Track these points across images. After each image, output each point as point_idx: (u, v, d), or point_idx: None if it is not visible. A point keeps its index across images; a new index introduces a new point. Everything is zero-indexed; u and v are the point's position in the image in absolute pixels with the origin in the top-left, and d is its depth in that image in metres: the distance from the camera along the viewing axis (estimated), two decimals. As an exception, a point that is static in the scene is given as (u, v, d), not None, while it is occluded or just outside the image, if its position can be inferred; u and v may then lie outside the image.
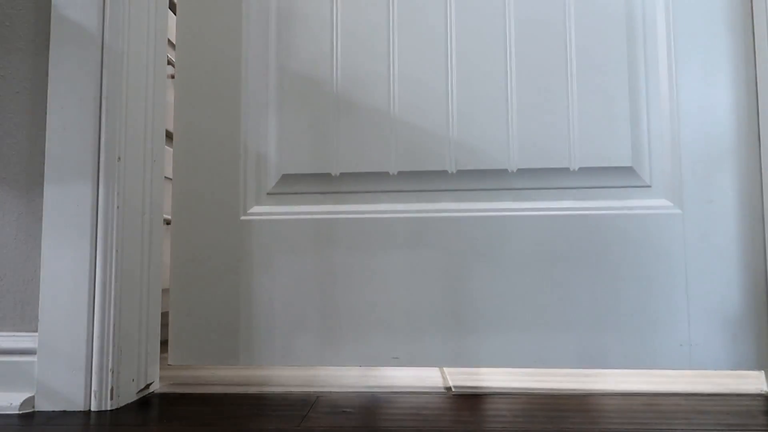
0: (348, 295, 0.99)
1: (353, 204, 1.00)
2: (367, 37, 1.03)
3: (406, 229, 0.99)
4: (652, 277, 0.98)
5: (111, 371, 0.82)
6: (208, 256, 1.00)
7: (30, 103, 0.87)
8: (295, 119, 1.02)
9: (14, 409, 0.80)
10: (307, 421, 0.76)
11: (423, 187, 1.00)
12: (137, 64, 0.89)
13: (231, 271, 1.00)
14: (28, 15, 0.88)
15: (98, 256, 0.83)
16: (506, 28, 1.03)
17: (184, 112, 1.03)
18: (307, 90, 1.02)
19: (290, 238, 1.00)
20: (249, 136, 1.02)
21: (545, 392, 0.92)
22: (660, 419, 0.76)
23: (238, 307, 0.99)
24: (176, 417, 0.78)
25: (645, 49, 0.99)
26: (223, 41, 1.04)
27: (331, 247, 0.99)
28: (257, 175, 1.01)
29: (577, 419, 0.76)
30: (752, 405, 0.84)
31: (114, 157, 0.84)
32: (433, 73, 1.01)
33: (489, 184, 1.00)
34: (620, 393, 0.91)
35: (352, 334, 0.98)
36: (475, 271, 0.98)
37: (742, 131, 0.96)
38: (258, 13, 1.04)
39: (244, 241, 1.00)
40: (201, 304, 1.00)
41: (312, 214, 1.00)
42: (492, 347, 0.97)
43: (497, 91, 1.00)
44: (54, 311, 0.82)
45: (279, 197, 1.01)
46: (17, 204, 0.86)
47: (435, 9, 1.03)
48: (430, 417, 0.78)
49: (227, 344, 0.99)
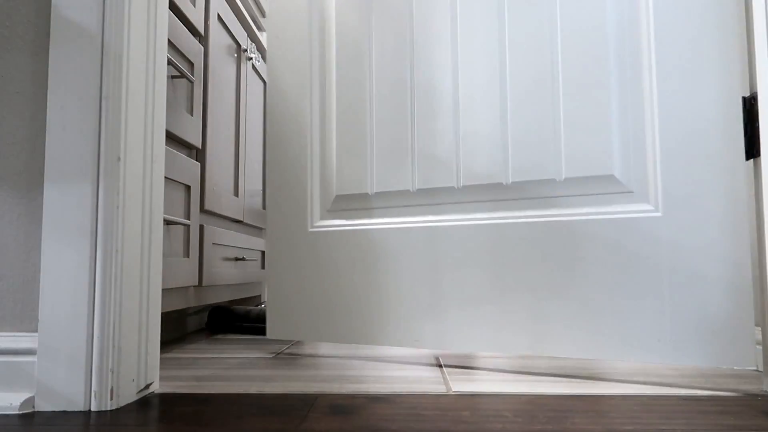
0: (385, 284, 1.24)
1: (384, 217, 1.26)
2: (392, 96, 1.26)
3: (422, 235, 1.21)
4: (634, 275, 1.02)
5: (111, 371, 0.82)
6: (289, 256, 1.35)
7: (30, 103, 0.87)
8: (344, 151, 1.30)
9: (14, 409, 0.80)
10: (307, 421, 0.76)
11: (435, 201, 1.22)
12: (137, 64, 0.89)
13: (304, 267, 1.33)
14: (28, 15, 0.88)
15: (98, 256, 0.83)
16: (503, 51, 1.16)
17: (273, 151, 1.39)
18: (353, 127, 1.30)
19: (343, 244, 1.29)
20: (314, 168, 1.34)
21: (545, 393, 0.92)
22: (660, 419, 0.76)
23: (311, 294, 1.31)
24: (176, 417, 0.78)
25: (630, 64, 1.05)
26: (296, 78, 1.38)
27: (369, 249, 1.25)
28: (321, 196, 1.33)
29: (578, 419, 0.76)
30: (752, 406, 0.84)
31: (114, 157, 0.84)
32: (441, 113, 1.21)
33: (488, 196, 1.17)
34: (620, 394, 0.91)
35: (382, 316, 1.24)
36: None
37: (721, 137, 0.97)
38: (320, 69, 1.35)
39: (312, 246, 1.32)
40: (285, 290, 1.34)
41: (355, 225, 1.28)
42: (486, 325, 1.14)
43: (495, 119, 1.16)
44: (54, 311, 0.82)
45: (335, 213, 1.31)
46: (17, 204, 0.86)
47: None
48: (430, 417, 0.78)
49: (307, 322, 1.32)
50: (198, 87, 1.51)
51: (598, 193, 1.07)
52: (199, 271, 1.53)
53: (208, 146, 1.58)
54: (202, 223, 1.56)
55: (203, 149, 1.55)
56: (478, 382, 0.99)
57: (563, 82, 1.10)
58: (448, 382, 0.99)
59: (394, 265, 1.23)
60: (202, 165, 1.55)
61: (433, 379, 1.02)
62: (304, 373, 1.07)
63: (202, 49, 1.53)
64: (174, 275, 1.33)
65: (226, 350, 1.35)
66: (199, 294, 1.55)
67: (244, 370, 1.11)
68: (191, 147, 1.49)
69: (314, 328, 1.30)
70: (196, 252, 1.49)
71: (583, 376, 1.05)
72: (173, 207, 1.35)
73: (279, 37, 1.40)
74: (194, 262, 1.47)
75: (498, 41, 1.16)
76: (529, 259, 1.10)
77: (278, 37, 1.40)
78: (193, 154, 1.52)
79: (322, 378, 1.03)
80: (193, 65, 1.48)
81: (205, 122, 1.56)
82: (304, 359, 1.22)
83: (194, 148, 1.52)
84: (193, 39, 1.48)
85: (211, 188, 1.59)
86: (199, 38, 1.56)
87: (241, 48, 1.91)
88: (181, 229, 1.40)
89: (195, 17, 1.49)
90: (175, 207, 1.37)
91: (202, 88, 1.55)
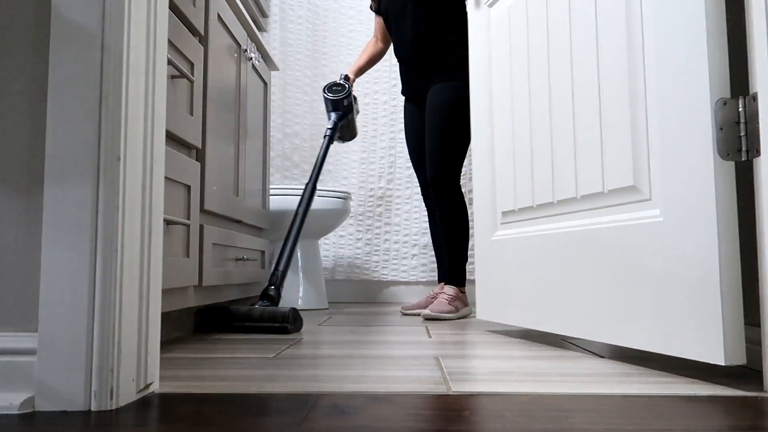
0: (541, 277, 1.42)
1: (542, 224, 1.47)
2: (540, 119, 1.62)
3: (566, 239, 1.35)
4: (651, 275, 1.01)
5: (111, 371, 0.82)
6: (482, 258, 1.74)
7: (30, 103, 0.87)
8: (519, 172, 1.56)
9: (14, 409, 0.80)
10: (307, 421, 0.76)
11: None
12: (137, 64, 0.89)
13: (491, 265, 1.68)
14: (28, 15, 0.88)
15: (98, 256, 0.83)
16: (572, 87, 1.34)
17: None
18: (523, 153, 1.55)
19: (515, 248, 1.56)
20: (498, 187, 1.67)
21: (545, 393, 0.92)
22: (660, 419, 0.76)
23: (500, 284, 1.64)
24: (176, 417, 0.78)
25: (645, 82, 1.13)
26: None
27: (530, 251, 1.49)
28: (500, 212, 1.66)
29: (577, 419, 0.76)
30: (752, 406, 0.84)
31: (114, 157, 0.84)
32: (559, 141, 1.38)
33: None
34: (620, 394, 0.91)
35: (542, 298, 1.44)
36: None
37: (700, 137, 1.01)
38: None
39: (496, 251, 1.66)
40: (487, 285, 1.71)
41: (523, 233, 1.54)
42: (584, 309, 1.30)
43: (569, 139, 1.35)
44: (54, 311, 0.82)
45: (507, 224, 1.62)
46: (17, 204, 0.86)
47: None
48: (430, 417, 0.78)
49: (499, 306, 1.64)
50: (198, 87, 1.51)
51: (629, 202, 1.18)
52: (199, 271, 1.53)
53: (208, 146, 1.58)
54: (202, 223, 1.56)
55: (203, 149, 1.55)
56: (478, 382, 0.99)
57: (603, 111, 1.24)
58: (448, 382, 0.99)
59: (545, 264, 1.42)
60: (202, 165, 1.55)
61: (433, 379, 1.02)
62: (304, 373, 1.07)
63: (202, 49, 1.53)
64: (174, 275, 1.33)
65: (226, 350, 1.35)
66: (199, 294, 1.55)
67: (244, 370, 1.11)
68: (191, 147, 1.49)
69: (501, 312, 1.62)
70: (196, 252, 1.49)
71: (584, 375, 1.05)
72: (173, 207, 1.35)
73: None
74: (194, 262, 1.47)
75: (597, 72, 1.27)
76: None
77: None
78: (193, 154, 1.52)
79: (322, 378, 1.03)
80: (193, 65, 1.48)
81: (205, 122, 1.56)
82: (304, 359, 1.22)
83: (194, 148, 1.52)
84: (193, 39, 1.48)
85: (211, 188, 1.59)
86: (199, 38, 1.56)
87: (241, 48, 1.91)
88: (181, 229, 1.40)
89: (195, 17, 1.49)
90: (175, 207, 1.37)
91: (202, 88, 1.55)
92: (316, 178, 2.07)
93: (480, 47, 1.77)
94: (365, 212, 3.11)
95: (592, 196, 1.27)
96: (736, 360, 0.94)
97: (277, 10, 3.17)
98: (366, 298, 3.10)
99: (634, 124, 1.14)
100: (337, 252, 3.10)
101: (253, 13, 2.92)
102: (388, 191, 3.11)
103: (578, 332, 1.29)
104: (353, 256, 3.09)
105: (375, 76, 3.16)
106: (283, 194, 2.48)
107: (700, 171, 0.99)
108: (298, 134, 3.14)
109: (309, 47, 3.19)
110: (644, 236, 1.10)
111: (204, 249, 1.54)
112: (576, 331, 1.30)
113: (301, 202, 2.03)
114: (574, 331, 1.30)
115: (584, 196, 1.29)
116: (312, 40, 3.20)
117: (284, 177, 3.12)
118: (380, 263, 3.08)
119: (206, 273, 1.55)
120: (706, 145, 0.98)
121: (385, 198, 3.11)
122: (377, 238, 3.09)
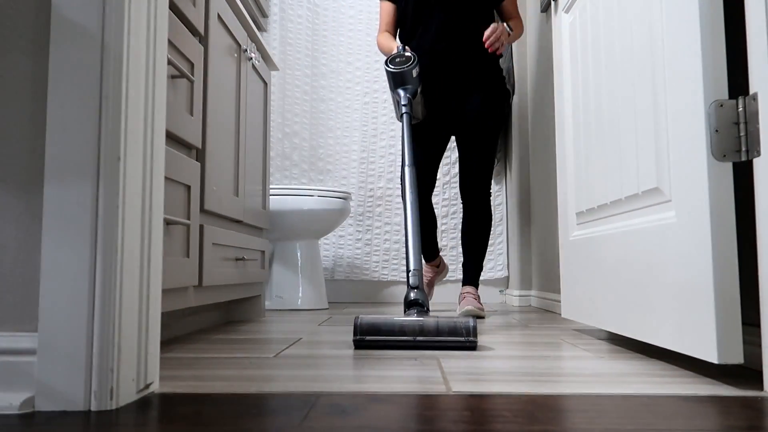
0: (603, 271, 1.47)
1: (603, 225, 1.51)
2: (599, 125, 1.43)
3: (616, 240, 1.39)
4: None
5: (111, 371, 0.82)
6: (557, 255, 1.96)
7: (30, 103, 0.87)
8: (585, 177, 1.62)
9: (14, 409, 0.80)
10: (307, 421, 0.76)
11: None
12: (137, 64, 0.89)
13: (570, 264, 1.74)
14: (28, 15, 0.88)
15: (98, 256, 0.83)
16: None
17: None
18: (584, 153, 1.62)
19: (586, 246, 1.60)
20: (570, 189, 1.74)
21: (545, 393, 0.92)
22: (660, 419, 0.76)
23: (571, 282, 1.73)
24: (176, 417, 0.78)
25: (665, 88, 1.14)
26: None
27: (594, 250, 1.53)
28: (573, 213, 1.72)
29: (577, 419, 0.76)
30: (752, 406, 0.84)
31: (114, 157, 0.84)
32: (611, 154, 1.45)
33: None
34: (620, 394, 0.92)
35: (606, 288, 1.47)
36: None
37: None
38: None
39: (569, 250, 1.75)
40: (569, 279, 1.77)
41: (589, 233, 1.60)
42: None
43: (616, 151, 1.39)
44: (54, 311, 0.82)
45: (579, 226, 1.69)
46: (17, 204, 0.86)
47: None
48: (430, 417, 0.78)
49: (577, 302, 1.68)
50: (198, 87, 1.51)
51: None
52: (199, 271, 1.53)
53: (208, 146, 1.58)
54: (202, 223, 1.56)
55: (203, 149, 1.55)
56: (478, 382, 0.99)
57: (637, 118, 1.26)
58: (448, 382, 0.99)
59: (596, 263, 1.51)
60: (202, 165, 1.55)
61: (433, 379, 1.02)
62: (304, 373, 1.07)
63: (202, 49, 1.53)
64: (174, 275, 1.33)
65: (226, 350, 1.35)
66: (199, 294, 1.55)
67: (244, 370, 1.11)
68: (191, 147, 1.49)
69: (579, 310, 1.66)
70: (196, 252, 1.48)
71: (584, 375, 1.05)
72: (173, 207, 1.35)
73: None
74: (194, 262, 1.47)
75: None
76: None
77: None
78: (193, 154, 1.52)
79: (322, 378, 1.03)
80: (193, 65, 1.48)
81: (205, 122, 1.56)
82: (304, 359, 1.22)
83: (194, 148, 1.52)
84: (193, 39, 1.48)
85: (211, 188, 1.59)
86: (199, 38, 1.56)
87: (241, 48, 1.91)
88: (181, 229, 1.40)
89: (195, 17, 1.49)
90: (175, 207, 1.37)
91: (202, 88, 1.55)
92: (411, 161, 1.87)
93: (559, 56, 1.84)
94: (365, 212, 3.11)
95: (630, 198, 1.31)
96: (730, 359, 0.94)
97: (277, 9, 3.17)
98: (366, 298, 3.10)
99: (656, 127, 1.17)
100: (336, 252, 3.10)
101: (253, 13, 2.92)
102: (388, 191, 3.11)
103: (620, 329, 1.35)
104: (353, 256, 3.09)
105: (375, 75, 3.16)
106: (283, 194, 2.48)
107: (698, 173, 0.99)
108: (298, 134, 3.14)
109: (309, 47, 3.19)
110: (664, 237, 1.12)
111: (204, 249, 1.54)
112: (619, 328, 1.36)
113: (409, 189, 1.80)
114: (619, 329, 1.36)
115: (627, 197, 1.33)
116: (312, 39, 3.20)
117: (284, 177, 3.12)
118: (380, 263, 3.08)
119: (206, 273, 1.55)
120: (701, 146, 0.99)
121: (385, 198, 3.11)
122: (377, 238, 3.09)
